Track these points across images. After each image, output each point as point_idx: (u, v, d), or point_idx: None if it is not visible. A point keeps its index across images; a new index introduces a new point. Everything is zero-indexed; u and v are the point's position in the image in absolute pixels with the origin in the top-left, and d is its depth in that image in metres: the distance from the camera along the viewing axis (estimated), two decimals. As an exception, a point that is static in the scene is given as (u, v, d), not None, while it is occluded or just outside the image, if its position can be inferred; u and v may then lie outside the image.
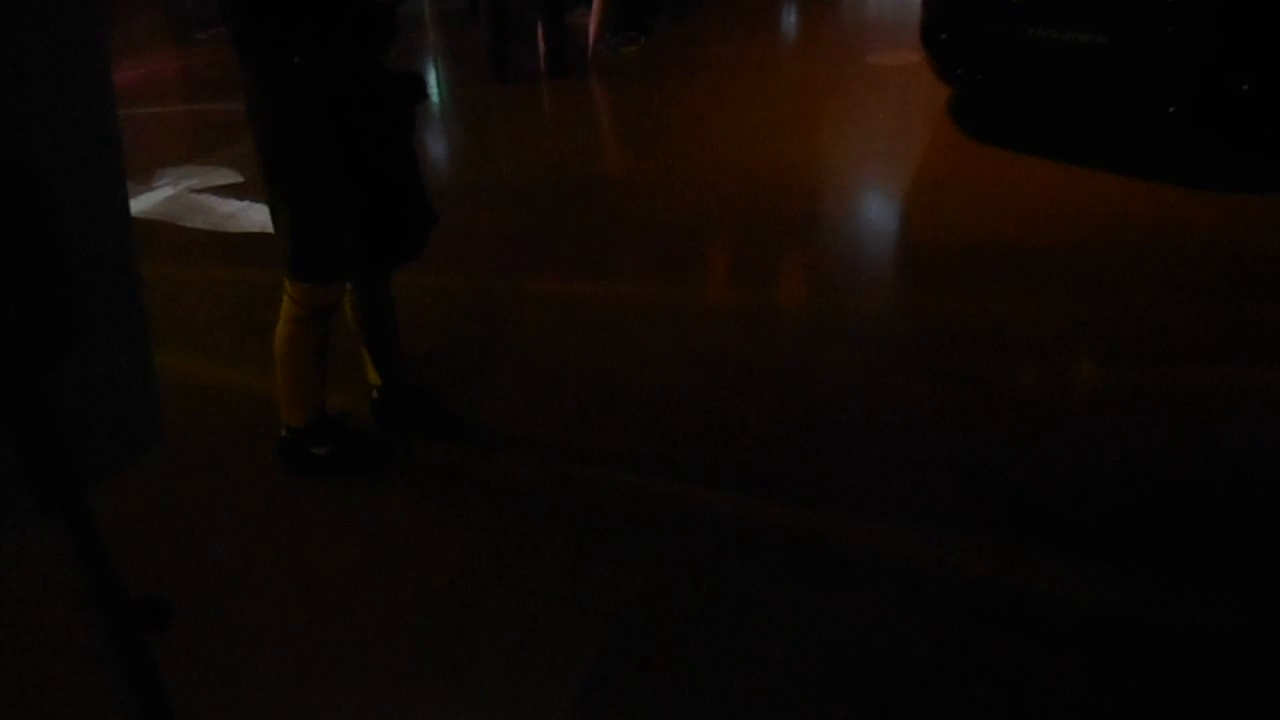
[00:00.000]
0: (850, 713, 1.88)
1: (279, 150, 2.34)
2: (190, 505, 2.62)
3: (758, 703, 1.92)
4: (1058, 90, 4.73)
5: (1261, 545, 2.26)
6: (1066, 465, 2.57)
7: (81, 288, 0.91)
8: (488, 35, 7.04)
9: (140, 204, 4.94)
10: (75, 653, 2.09)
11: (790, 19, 9.47)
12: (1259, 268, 3.61)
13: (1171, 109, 4.21)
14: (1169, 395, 2.87)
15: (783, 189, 4.73)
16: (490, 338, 3.48)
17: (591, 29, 7.80)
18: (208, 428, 2.95)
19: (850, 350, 3.26)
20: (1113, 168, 4.61)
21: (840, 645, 2.04)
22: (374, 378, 2.86)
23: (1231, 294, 3.42)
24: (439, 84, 7.59)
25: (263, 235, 2.61)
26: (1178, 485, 2.48)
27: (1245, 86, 4.11)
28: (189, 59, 8.69)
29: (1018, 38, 4.80)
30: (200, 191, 5.19)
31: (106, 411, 0.97)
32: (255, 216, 2.59)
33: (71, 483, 0.93)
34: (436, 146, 6.11)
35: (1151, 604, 2.11)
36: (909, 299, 3.73)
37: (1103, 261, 3.75)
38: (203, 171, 5.54)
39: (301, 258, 2.42)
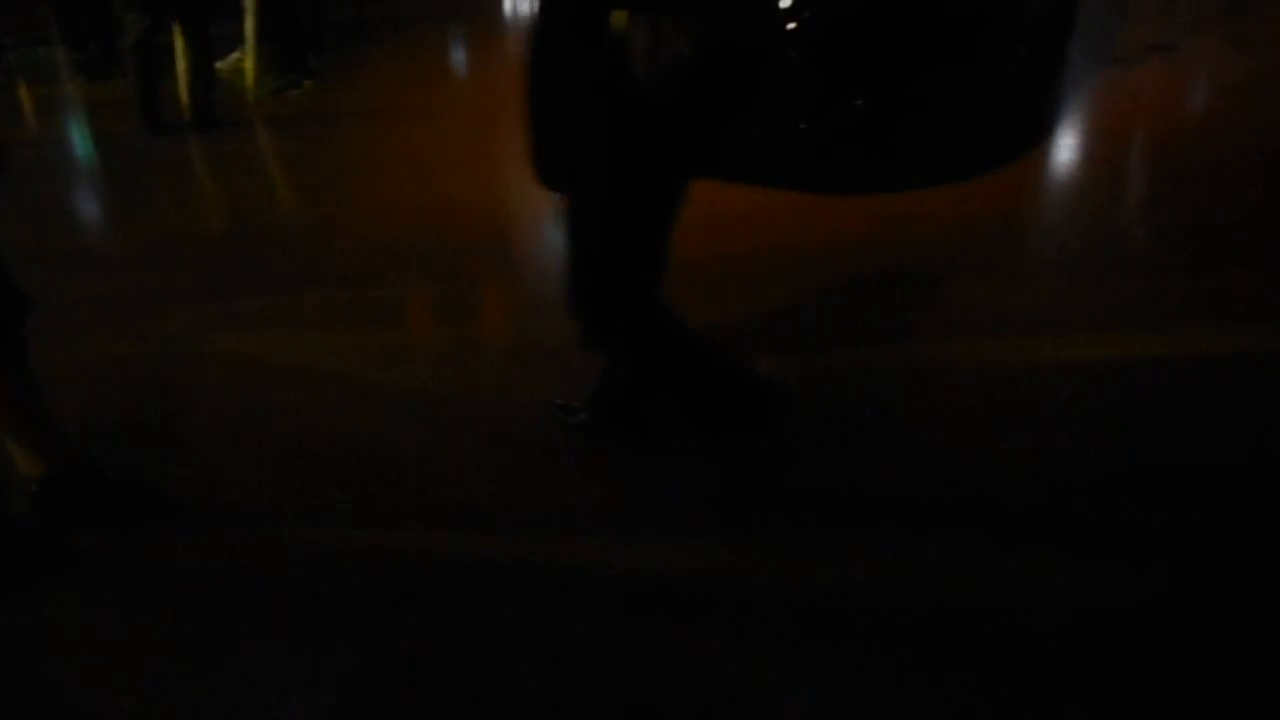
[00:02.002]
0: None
1: None
2: None
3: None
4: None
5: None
6: (814, 455, 2.79)
7: None
8: (137, 83, 6.48)
9: None
10: None
11: (458, 56, 9.58)
12: (906, 256, 4.14)
13: (802, 126, 4.75)
14: (871, 374, 3.23)
15: (471, 226, 4.74)
16: (173, 405, 3.23)
17: (248, 72, 7.46)
18: None
19: (557, 374, 3.33)
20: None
21: (581, 663, 2.10)
22: (25, 468, 2.56)
23: (889, 283, 3.91)
24: (81, 140, 6.93)
25: None
26: (887, 461, 2.79)
27: (858, 103, 4.74)
28: None
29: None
30: None
31: None
32: None
33: None
34: (86, 209, 5.59)
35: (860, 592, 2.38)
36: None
37: (793, 263, 4.11)
38: None
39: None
